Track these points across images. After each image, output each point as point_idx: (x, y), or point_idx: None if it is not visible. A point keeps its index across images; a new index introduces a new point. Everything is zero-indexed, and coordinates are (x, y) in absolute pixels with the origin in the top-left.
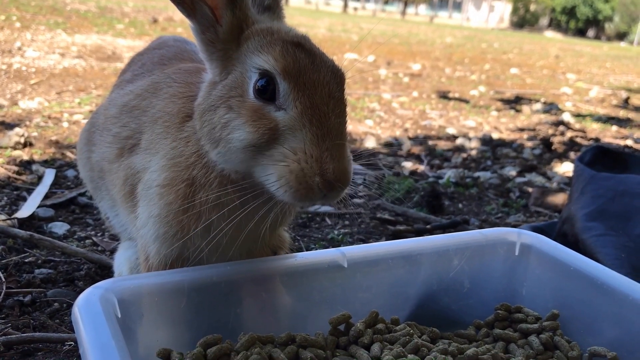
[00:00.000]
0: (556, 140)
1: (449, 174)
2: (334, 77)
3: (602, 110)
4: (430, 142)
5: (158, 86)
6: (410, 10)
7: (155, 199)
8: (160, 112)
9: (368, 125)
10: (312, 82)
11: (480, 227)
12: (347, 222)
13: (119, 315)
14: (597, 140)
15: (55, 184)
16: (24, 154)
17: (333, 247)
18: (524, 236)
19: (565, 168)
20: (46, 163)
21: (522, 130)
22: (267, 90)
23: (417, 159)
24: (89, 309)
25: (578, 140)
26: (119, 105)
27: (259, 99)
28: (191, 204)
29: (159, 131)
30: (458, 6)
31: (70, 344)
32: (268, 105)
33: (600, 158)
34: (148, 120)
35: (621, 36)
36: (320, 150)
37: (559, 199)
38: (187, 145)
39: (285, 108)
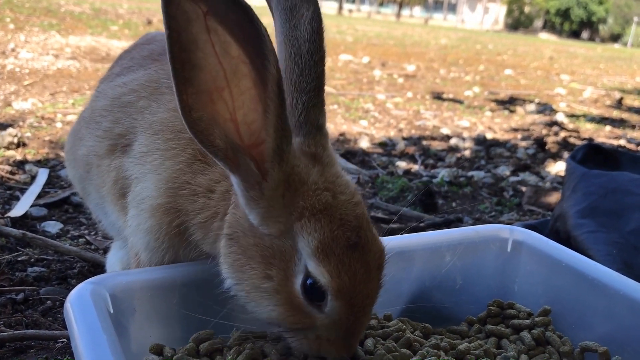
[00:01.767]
0: (550, 140)
1: (443, 173)
2: (379, 274)
3: (595, 111)
4: (424, 142)
5: (158, 88)
6: (405, 12)
7: (145, 216)
8: (163, 125)
9: (362, 125)
10: (362, 298)
11: (474, 225)
12: None
13: (111, 311)
14: (590, 140)
15: (49, 183)
16: (17, 154)
17: None
18: (516, 233)
19: (558, 167)
20: (39, 163)
21: (516, 130)
22: (314, 294)
23: (411, 158)
24: (81, 304)
25: (572, 140)
26: (110, 98)
27: (304, 298)
28: (184, 234)
29: (159, 147)
30: (453, 8)
31: (63, 341)
32: (311, 306)
33: (592, 156)
34: (145, 125)
35: (615, 38)
36: (343, 344)
37: (552, 197)
38: (195, 195)
39: (327, 314)
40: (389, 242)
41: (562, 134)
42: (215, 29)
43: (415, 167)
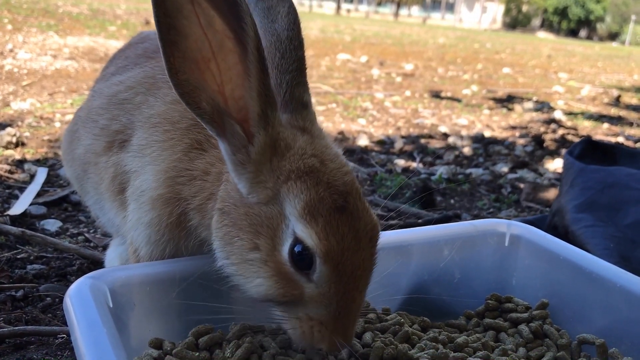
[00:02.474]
0: (548, 137)
1: (441, 170)
2: (371, 247)
3: (593, 109)
4: (423, 140)
5: (155, 83)
6: (403, 11)
7: (146, 208)
8: (160, 118)
9: (361, 124)
10: (351, 265)
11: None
12: None
13: (111, 305)
14: (588, 137)
15: (48, 182)
16: (16, 154)
17: None
18: (513, 227)
19: (556, 164)
20: (38, 162)
21: (514, 128)
22: (302, 261)
23: (410, 156)
24: (81, 299)
25: (569, 137)
26: (106, 96)
27: (292, 265)
28: (184, 222)
29: (158, 139)
30: (451, 7)
31: (63, 337)
32: (300, 274)
33: (590, 151)
34: (143, 119)
35: (613, 36)
36: (335, 326)
37: (550, 194)
38: (192, 178)
39: (316, 284)
40: (388, 236)
41: (560, 132)
42: (199, 1)
43: (413, 165)
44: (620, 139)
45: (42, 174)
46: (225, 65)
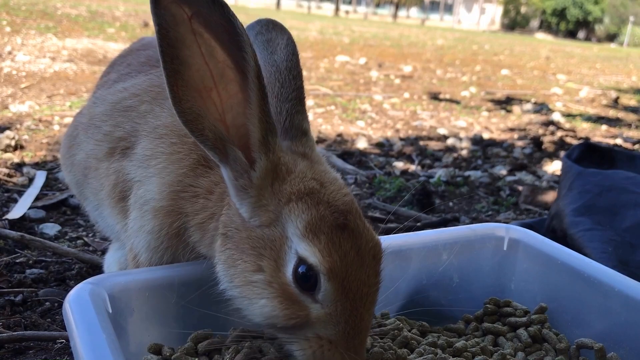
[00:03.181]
0: (546, 139)
1: (440, 173)
2: (375, 264)
3: (592, 110)
4: (421, 143)
5: (161, 92)
6: (402, 13)
7: (148, 217)
8: (167, 130)
9: (359, 126)
10: (356, 282)
11: (471, 224)
12: None
13: (110, 311)
14: (587, 139)
15: (47, 185)
16: (14, 157)
17: None
18: (512, 231)
19: (555, 167)
20: (37, 165)
21: (512, 130)
22: (307, 281)
23: (408, 158)
24: (80, 304)
25: (568, 139)
26: (110, 103)
27: (297, 286)
28: (182, 235)
29: (164, 151)
30: (449, 9)
31: (62, 342)
32: (305, 295)
33: (588, 155)
34: (148, 129)
35: (611, 37)
36: (347, 346)
37: (549, 196)
38: (196, 196)
39: (322, 303)
40: (386, 240)
41: (559, 134)
42: (201, 32)
43: (412, 168)
44: (619, 141)
45: (40, 177)
46: (227, 94)
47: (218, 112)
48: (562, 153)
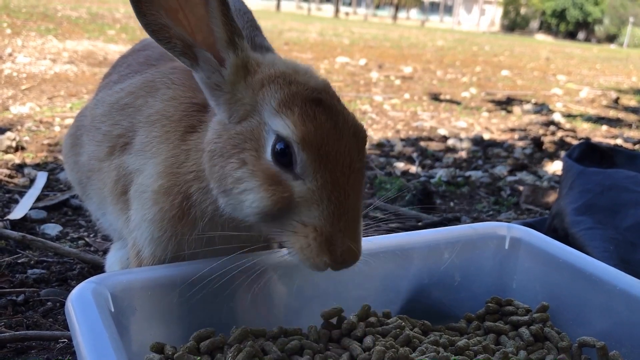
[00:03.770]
0: (547, 139)
1: (441, 173)
2: (356, 142)
3: (592, 111)
4: (422, 143)
5: (154, 85)
6: (402, 14)
7: (149, 204)
8: (159, 115)
9: None
10: (334, 152)
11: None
12: None
13: (112, 310)
14: (587, 139)
15: (48, 186)
16: (15, 158)
17: None
18: (513, 230)
19: (555, 167)
20: (38, 166)
21: (513, 130)
22: (285, 155)
23: (409, 159)
24: (82, 303)
25: (568, 139)
26: (108, 104)
27: (277, 164)
28: (186, 214)
29: (157, 134)
30: (449, 10)
31: (64, 342)
32: (285, 172)
33: (589, 154)
34: (143, 120)
35: (611, 38)
36: (334, 230)
37: (550, 196)
38: (188, 158)
39: (303, 179)
40: (388, 240)
41: (559, 134)
42: None
43: (413, 168)
44: (619, 141)
45: (42, 178)
46: (194, 17)
47: (183, 22)
48: (563, 153)
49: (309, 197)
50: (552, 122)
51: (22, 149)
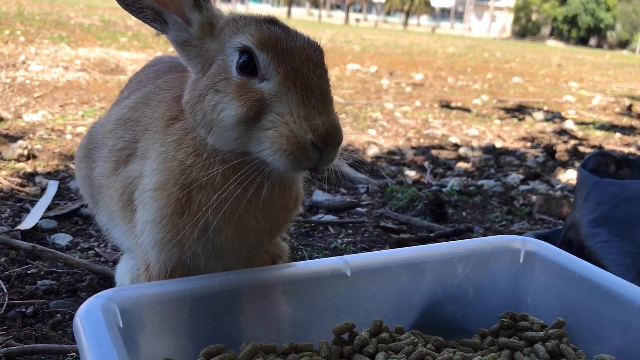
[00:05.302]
0: (559, 148)
1: (452, 182)
2: (311, 45)
3: (605, 118)
4: (433, 151)
5: (148, 96)
6: (412, 21)
7: (149, 203)
8: (149, 119)
9: (371, 134)
10: (290, 49)
11: (484, 235)
12: (350, 231)
13: (121, 325)
14: (600, 147)
15: (58, 195)
16: (27, 166)
17: (336, 256)
18: (528, 243)
19: (569, 176)
20: (49, 175)
21: (525, 138)
22: (249, 65)
23: (420, 167)
24: (91, 319)
25: (581, 148)
26: (114, 121)
27: (243, 75)
28: (186, 207)
29: (150, 137)
30: (460, 16)
31: (73, 355)
32: (252, 79)
33: (604, 164)
34: (141, 129)
35: (623, 44)
36: (307, 110)
37: (563, 206)
38: (178, 148)
39: (268, 78)
40: (400, 253)
41: (572, 142)
42: None
43: (424, 177)
44: (633, 149)
45: (53, 187)
46: None
47: (157, 1)
48: (576, 162)
49: (277, 91)
50: (564, 130)
51: (34, 157)
